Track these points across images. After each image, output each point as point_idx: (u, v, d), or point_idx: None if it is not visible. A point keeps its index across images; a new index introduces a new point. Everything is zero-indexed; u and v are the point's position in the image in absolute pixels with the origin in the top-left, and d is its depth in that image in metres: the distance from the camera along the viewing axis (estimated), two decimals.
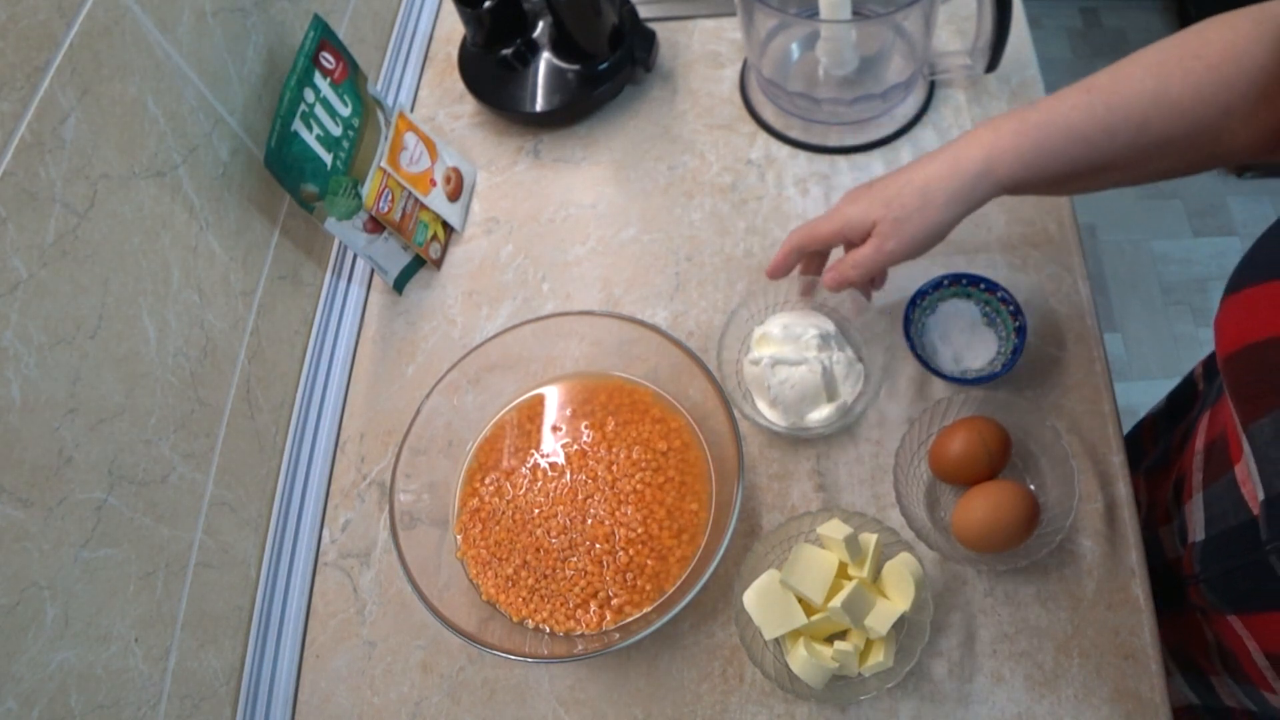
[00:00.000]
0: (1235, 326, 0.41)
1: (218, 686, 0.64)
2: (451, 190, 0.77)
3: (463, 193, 0.78)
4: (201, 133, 0.64)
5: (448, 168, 0.77)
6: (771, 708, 0.62)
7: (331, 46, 0.72)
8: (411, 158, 0.76)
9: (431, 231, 0.77)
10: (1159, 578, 0.63)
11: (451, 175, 0.77)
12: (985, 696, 0.60)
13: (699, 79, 0.92)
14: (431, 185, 0.76)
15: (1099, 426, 0.68)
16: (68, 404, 0.50)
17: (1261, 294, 0.40)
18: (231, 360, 0.68)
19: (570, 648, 0.61)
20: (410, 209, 0.75)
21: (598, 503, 0.67)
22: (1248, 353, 0.40)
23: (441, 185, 0.77)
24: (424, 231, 0.76)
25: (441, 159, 0.80)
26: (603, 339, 0.71)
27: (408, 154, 0.75)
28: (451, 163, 0.78)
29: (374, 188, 0.73)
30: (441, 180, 0.77)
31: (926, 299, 0.71)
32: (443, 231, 0.78)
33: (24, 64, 0.48)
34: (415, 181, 0.75)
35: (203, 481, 0.63)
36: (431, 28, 1.02)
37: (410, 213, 0.75)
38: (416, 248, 0.76)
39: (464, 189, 0.78)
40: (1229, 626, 0.54)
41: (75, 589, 0.50)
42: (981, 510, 0.60)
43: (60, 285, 0.50)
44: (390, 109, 0.76)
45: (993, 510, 0.60)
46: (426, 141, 0.81)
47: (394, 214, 0.74)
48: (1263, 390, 0.39)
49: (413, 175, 0.76)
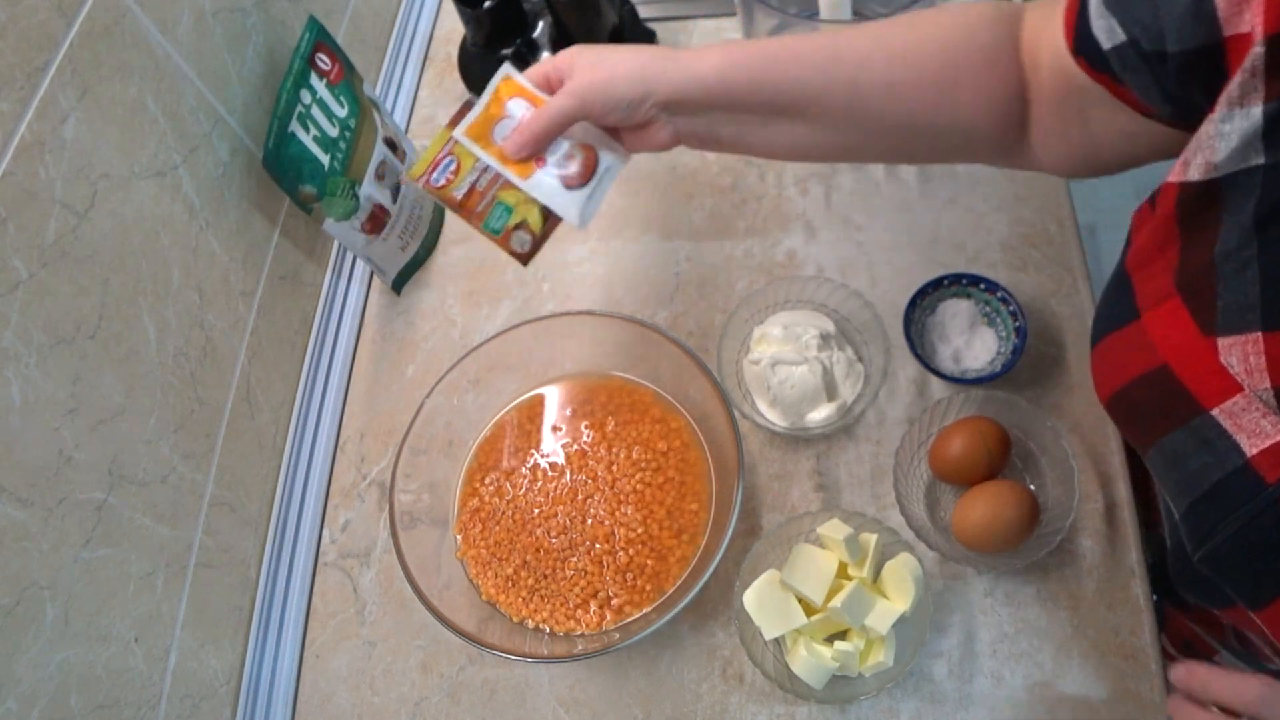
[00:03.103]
0: (1102, 374, 0.44)
1: (218, 686, 0.64)
2: (572, 175, 0.59)
3: (594, 179, 0.59)
4: (201, 133, 0.64)
5: (574, 145, 0.59)
6: (771, 708, 0.62)
7: (327, 48, 0.72)
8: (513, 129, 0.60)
9: (518, 218, 0.60)
10: (1158, 570, 0.63)
11: (577, 156, 0.59)
12: (985, 696, 0.60)
13: None
14: (537, 164, 0.59)
15: (1099, 426, 0.68)
16: (68, 404, 0.50)
17: (1112, 342, 0.43)
18: (231, 360, 0.68)
19: (570, 648, 0.61)
20: (485, 186, 0.59)
21: (598, 503, 0.67)
22: (1118, 397, 0.43)
23: (555, 165, 0.59)
24: (503, 216, 0.60)
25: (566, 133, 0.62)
26: (603, 339, 0.71)
27: (508, 124, 0.59)
28: (582, 139, 0.59)
29: (429, 155, 0.59)
30: (557, 159, 0.59)
31: (926, 299, 0.71)
32: (539, 220, 0.60)
33: (24, 64, 0.48)
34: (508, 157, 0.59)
35: (203, 481, 0.63)
36: (431, 28, 1.02)
37: (482, 190, 0.59)
38: (489, 234, 0.60)
39: (597, 174, 0.59)
40: (1235, 611, 0.55)
41: (75, 589, 0.50)
42: (981, 510, 0.60)
43: (60, 285, 0.50)
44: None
45: (993, 510, 0.60)
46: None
47: (452, 190, 0.59)
48: (1141, 426, 0.42)
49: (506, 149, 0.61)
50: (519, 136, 0.56)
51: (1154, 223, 0.40)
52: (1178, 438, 0.39)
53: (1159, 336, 0.39)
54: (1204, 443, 0.37)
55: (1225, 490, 0.37)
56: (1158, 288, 0.40)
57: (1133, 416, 0.42)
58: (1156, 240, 0.40)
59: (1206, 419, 0.37)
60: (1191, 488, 0.39)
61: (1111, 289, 0.44)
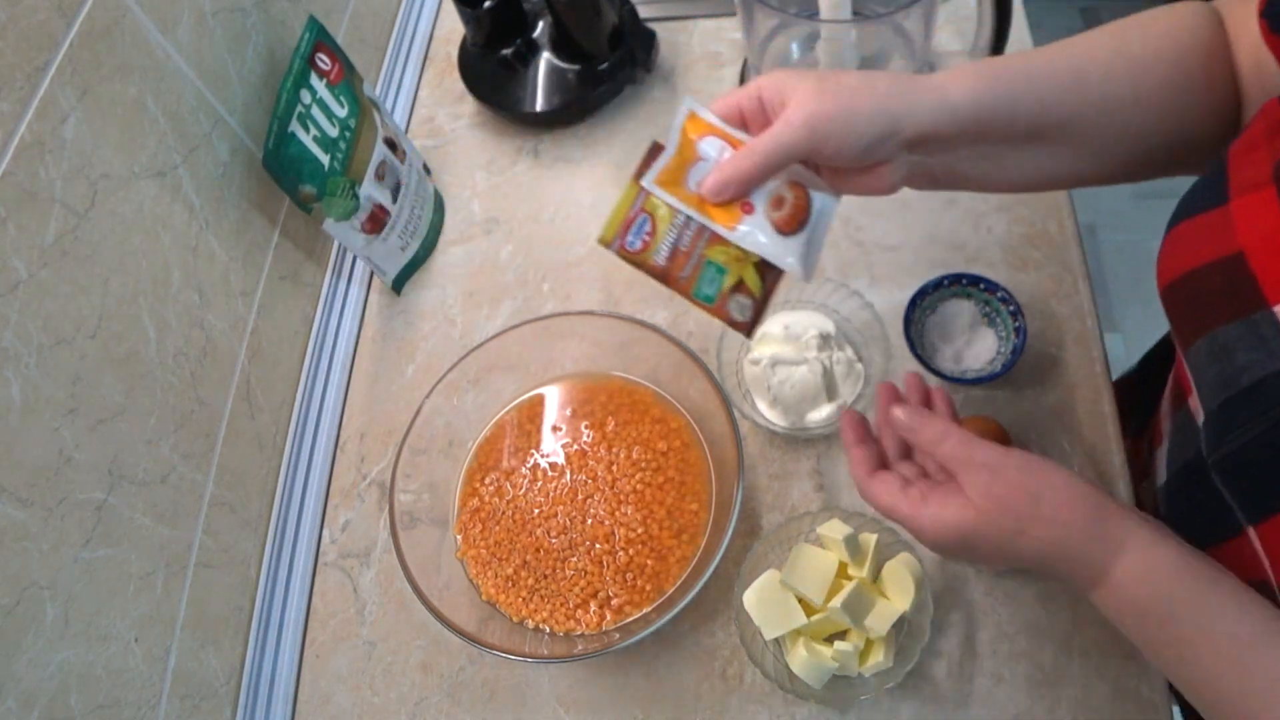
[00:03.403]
0: (1170, 259, 0.43)
1: (218, 686, 0.64)
2: (785, 218, 0.49)
3: (810, 222, 0.50)
4: (201, 133, 0.64)
5: (781, 185, 0.50)
6: (771, 708, 0.62)
7: (327, 48, 0.72)
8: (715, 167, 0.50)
9: (733, 278, 0.50)
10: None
11: (786, 196, 0.49)
12: (985, 697, 0.60)
13: (699, 79, 0.92)
14: (743, 212, 0.49)
15: (1099, 426, 0.68)
16: (68, 404, 0.50)
17: (1190, 227, 0.42)
18: (231, 360, 0.68)
19: (570, 648, 0.61)
20: (689, 245, 0.49)
21: (598, 503, 0.67)
22: (1181, 282, 0.42)
23: (765, 210, 0.49)
24: (716, 279, 0.50)
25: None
26: (603, 339, 0.71)
27: (704, 167, 0.50)
28: (789, 178, 0.50)
29: (618, 214, 0.50)
30: (767, 204, 0.49)
31: (926, 299, 0.71)
32: (757, 280, 0.50)
33: (24, 64, 0.48)
34: (711, 207, 0.50)
35: (203, 481, 0.63)
36: (431, 28, 1.02)
37: (688, 250, 0.49)
38: (701, 304, 0.50)
39: (811, 217, 0.50)
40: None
41: (75, 589, 0.50)
42: None
43: (60, 285, 0.50)
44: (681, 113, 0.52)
45: None
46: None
47: (652, 255, 0.49)
48: (1196, 315, 0.41)
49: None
50: (723, 175, 0.48)
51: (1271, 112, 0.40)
52: (1232, 330, 0.38)
53: (1242, 223, 0.39)
54: (1258, 339, 0.37)
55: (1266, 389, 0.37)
56: (1255, 176, 0.39)
57: (1191, 304, 0.42)
58: (1266, 128, 0.40)
59: (1267, 315, 0.37)
60: (1231, 384, 0.38)
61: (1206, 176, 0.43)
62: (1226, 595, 0.40)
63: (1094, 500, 0.43)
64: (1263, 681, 0.38)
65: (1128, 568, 0.42)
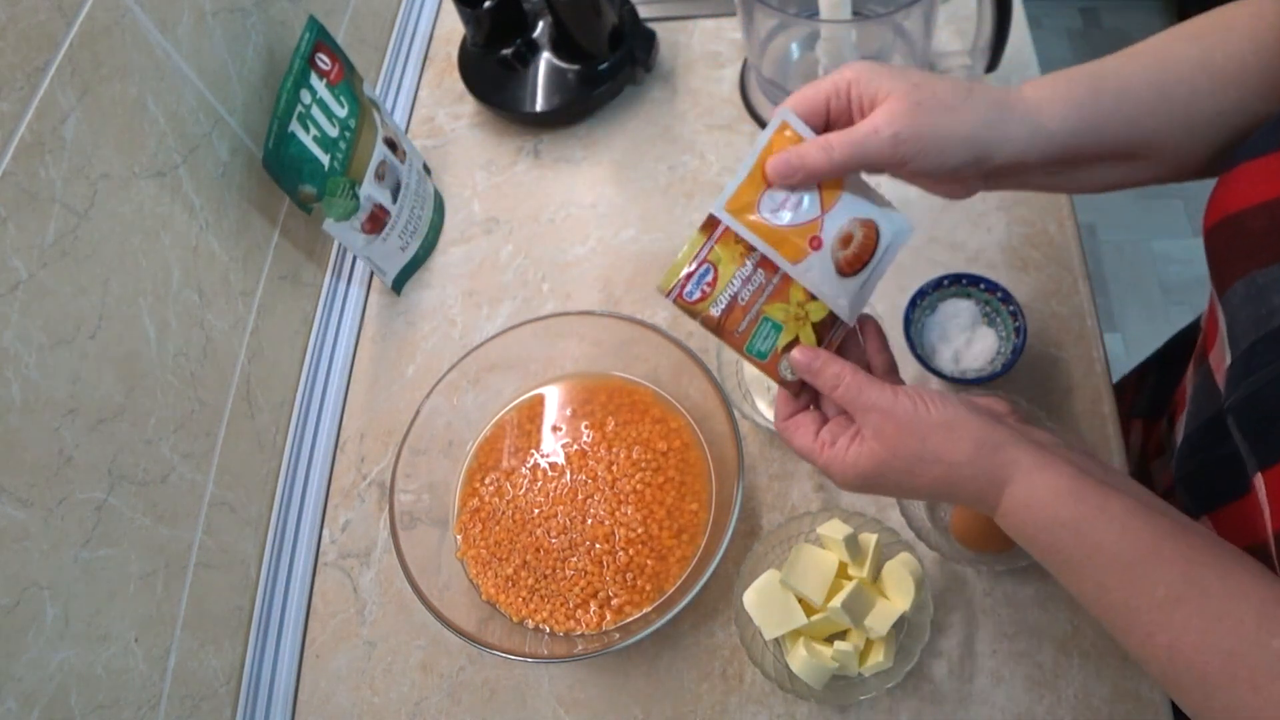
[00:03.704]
0: (1221, 199, 0.43)
1: (218, 686, 0.64)
2: (850, 257, 0.46)
3: (872, 262, 0.47)
4: (201, 133, 0.64)
5: (852, 221, 0.46)
6: (771, 708, 0.62)
7: (327, 48, 0.72)
8: (785, 202, 0.46)
9: (789, 336, 0.47)
10: None
11: (855, 234, 0.46)
12: (985, 696, 0.60)
13: (699, 79, 0.92)
14: (811, 249, 0.46)
15: (1099, 426, 0.68)
16: (68, 404, 0.50)
17: (1250, 168, 0.42)
18: (231, 360, 0.68)
19: (570, 648, 0.61)
20: (748, 299, 0.46)
21: (598, 503, 0.67)
22: (1226, 222, 0.42)
23: (833, 249, 0.46)
24: (772, 336, 0.47)
25: (843, 205, 0.47)
26: (603, 339, 0.71)
27: (778, 198, 0.46)
28: (861, 214, 0.47)
29: (680, 263, 0.46)
30: (834, 241, 0.46)
31: (926, 299, 0.71)
32: (812, 338, 0.47)
33: (24, 64, 0.48)
34: (781, 240, 0.46)
35: (203, 481, 0.63)
36: (431, 28, 1.02)
37: (745, 305, 0.46)
38: (753, 359, 0.48)
39: (875, 257, 0.47)
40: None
41: (75, 589, 0.50)
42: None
43: (60, 285, 0.50)
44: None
45: None
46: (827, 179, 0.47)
47: (709, 305, 0.47)
48: (1237, 256, 0.41)
49: (779, 230, 0.46)
50: (793, 160, 0.45)
51: None
52: (1272, 272, 0.39)
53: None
54: None
55: None
56: None
57: (1235, 244, 0.41)
58: None
59: None
60: (1261, 325, 0.39)
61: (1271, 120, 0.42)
62: (1113, 517, 0.41)
63: (979, 435, 0.44)
64: (1147, 600, 0.39)
65: (1012, 497, 0.43)
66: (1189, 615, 0.38)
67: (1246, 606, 0.37)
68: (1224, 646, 0.37)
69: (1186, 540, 0.40)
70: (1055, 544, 0.42)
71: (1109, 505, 0.41)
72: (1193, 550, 0.40)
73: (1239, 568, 0.39)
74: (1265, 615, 0.37)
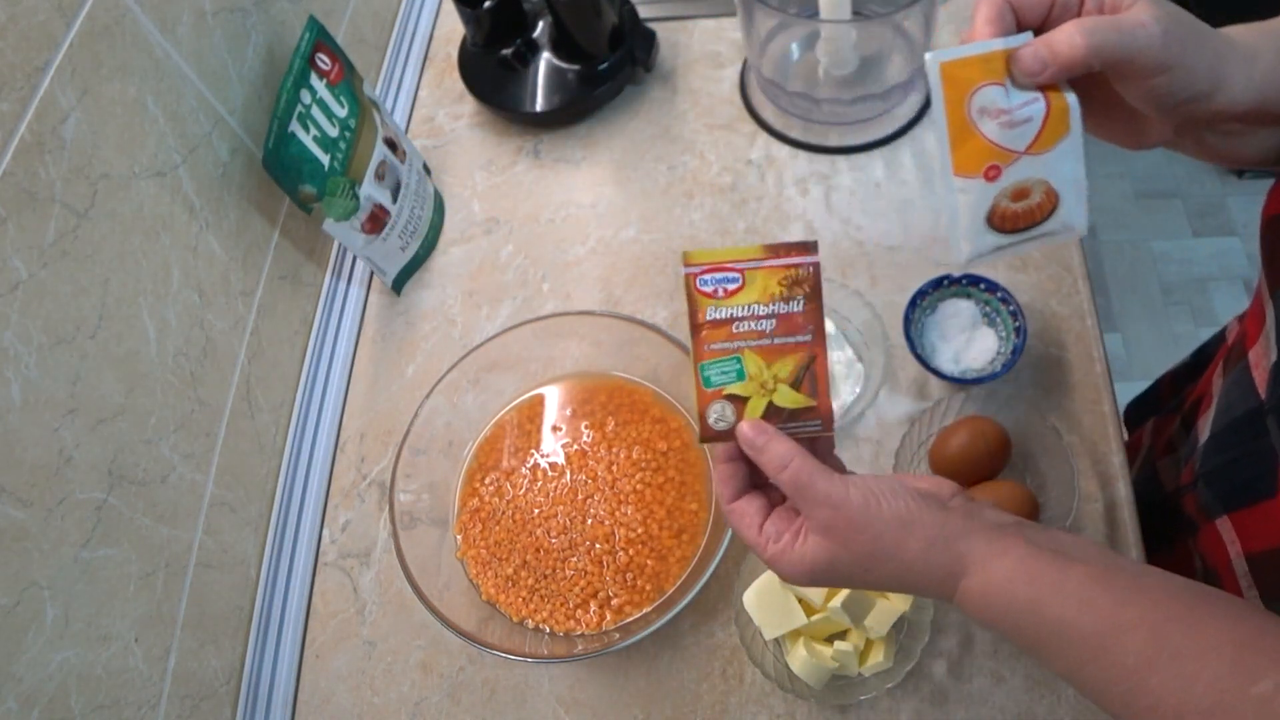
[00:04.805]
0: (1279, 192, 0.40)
1: (218, 686, 0.64)
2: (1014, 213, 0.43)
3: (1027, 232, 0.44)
4: (201, 133, 0.64)
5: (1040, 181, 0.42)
6: (771, 708, 0.62)
7: (327, 48, 0.72)
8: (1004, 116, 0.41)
9: (744, 391, 0.44)
10: (1154, 515, 0.63)
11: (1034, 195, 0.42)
12: (985, 696, 0.60)
13: (699, 79, 0.92)
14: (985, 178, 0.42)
15: (1099, 426, 0.68)
16: (68, 404, 0.50)
17: None
18: (231, 360, 0.68)
19: (570, 648, 0.61)
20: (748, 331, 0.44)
21: (598, 503, 0.67)
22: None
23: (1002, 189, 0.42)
24: (727, 376, 0.44)
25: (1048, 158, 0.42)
26: (603, 339, 0.71)
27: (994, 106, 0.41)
28: (1056, 180, 0.42)
29: (726, 255, 0.44)
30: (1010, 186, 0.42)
31: (926, 299, 0.71)
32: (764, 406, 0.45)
33: (24, 64, 0.48)
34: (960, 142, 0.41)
35: (203, 481, 0.63)
36: (431, 28, 1.02)
37: (742, 334, 0.45)
38: (698, 380, 0.45)
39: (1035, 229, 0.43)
40: (1215, 535, 0.55)
41: (75, 589, 0.50)
42: None
43: (60, 285, 0.50)
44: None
45: None
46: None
47: (709, 305, 0.44)
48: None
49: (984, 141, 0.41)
50: (1046, 52, 0.38)
51: None
52: None
53: None
54: None
55: None
56: None
57: None
58: None
59: None
60: None
61: None
62: (1069, 592, 0.40)
63: (931, 532, 0.42)
64: (1119, 670, 0.38)
65: (968, 588, 0.42)
66: (1164, 680, 0.37)
67: (1219, 659, 0.36)
68: (1204, 706, 0.36)
69: (1149, 598, 0.39)
70: (1018, 627, 0.41)
71: (1065, 581, 0.40)
72: (1156, 608, 0.38)
73: (1207, 614, 0.38)
74: (1239, 663, 0.36)
